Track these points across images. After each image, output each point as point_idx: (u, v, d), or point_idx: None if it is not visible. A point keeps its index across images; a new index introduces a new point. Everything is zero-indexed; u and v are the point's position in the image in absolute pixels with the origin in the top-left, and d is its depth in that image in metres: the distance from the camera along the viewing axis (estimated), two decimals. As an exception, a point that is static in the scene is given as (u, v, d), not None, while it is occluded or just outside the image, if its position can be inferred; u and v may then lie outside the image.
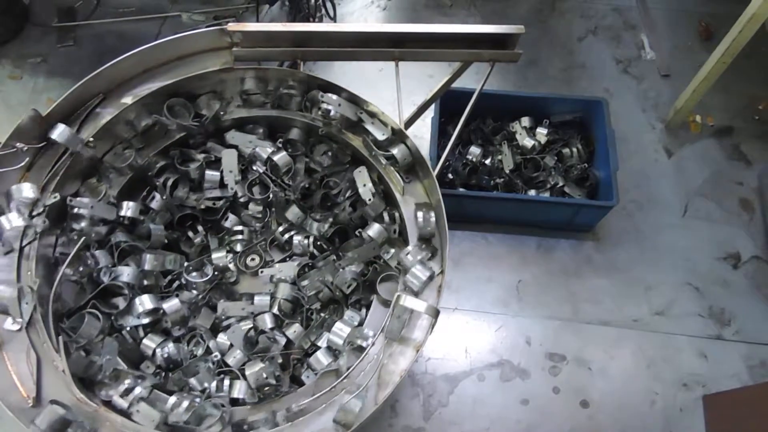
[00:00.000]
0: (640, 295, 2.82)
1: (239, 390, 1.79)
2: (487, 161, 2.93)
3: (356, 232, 2.02)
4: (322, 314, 2.02)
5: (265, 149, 2.09)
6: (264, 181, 2.15)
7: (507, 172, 2.90)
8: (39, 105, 1.93)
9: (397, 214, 1.99)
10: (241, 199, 2.18)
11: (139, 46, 1.98)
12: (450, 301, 2.77)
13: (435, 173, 1.89)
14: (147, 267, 1.98)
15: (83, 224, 1.88)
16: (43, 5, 3.65)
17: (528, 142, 2.95)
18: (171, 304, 1.93)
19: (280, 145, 2.11)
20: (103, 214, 1.91)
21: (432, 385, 2.58)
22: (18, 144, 1.78)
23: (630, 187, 3.07)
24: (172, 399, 1.67)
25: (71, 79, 2.56)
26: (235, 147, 2.12)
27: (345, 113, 1.97)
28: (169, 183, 2.09)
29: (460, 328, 2.73)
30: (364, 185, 2.00)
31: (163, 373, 1.90)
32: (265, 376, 1.76)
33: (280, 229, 2.19)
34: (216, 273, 2.09)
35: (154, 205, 2.10)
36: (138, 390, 1.67)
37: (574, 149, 2.95)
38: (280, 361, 1.86)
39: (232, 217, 2.22)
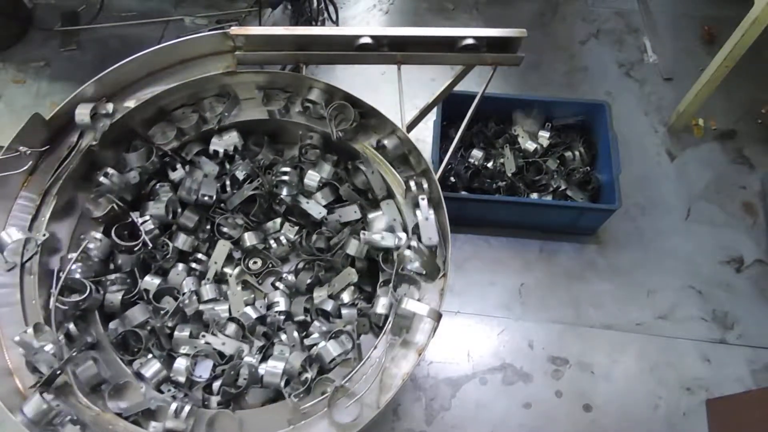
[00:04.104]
0: (643, 298, 2.81)
1: (110, 299, 1.87)
2: (490, 164, 2.93)
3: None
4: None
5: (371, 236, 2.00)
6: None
7: (509, 175, 2.90)
8: (42, 109, 1.93)
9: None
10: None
11: (142, 50, 1.99)
12: (452, 304, 2.76)
13: (437, 176, 1.89)
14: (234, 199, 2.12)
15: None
16: (47, 9, 3.68)
17: (530, 146, 2.95)
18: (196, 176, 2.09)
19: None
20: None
21: (434, 388, 2.58)
22: (21, 148, 1.79)
23: (632, 190, 3.06)
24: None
25: (74, 83, 2.57)
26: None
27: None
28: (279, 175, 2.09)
29: (463, 331, 2.72)
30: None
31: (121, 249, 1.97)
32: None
33: (289, 277, 2.11)
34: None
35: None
36: (97, 234, 1.86)
37: (577, 152, 2.95)
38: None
39: (289, 225, 2.19)
